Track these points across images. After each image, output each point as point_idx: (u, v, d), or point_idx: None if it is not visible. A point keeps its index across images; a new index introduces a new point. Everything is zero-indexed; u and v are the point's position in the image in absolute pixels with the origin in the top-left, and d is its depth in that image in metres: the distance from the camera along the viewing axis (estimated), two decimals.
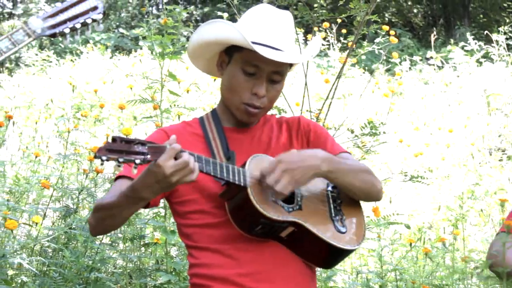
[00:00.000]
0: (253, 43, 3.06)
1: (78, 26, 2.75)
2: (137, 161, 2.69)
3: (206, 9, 21.62)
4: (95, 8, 2.80)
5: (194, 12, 16.10)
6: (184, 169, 2.75)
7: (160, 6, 25.45)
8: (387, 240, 5.99)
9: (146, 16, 23.81)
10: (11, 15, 25.26)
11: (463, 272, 5.90)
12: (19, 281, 4.58)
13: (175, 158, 2.75)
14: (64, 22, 2.75)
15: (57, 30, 2.73)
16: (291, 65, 3.27)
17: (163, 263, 5.24)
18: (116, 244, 5.45)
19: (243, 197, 2.99)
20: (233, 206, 3.06)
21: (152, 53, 15.07)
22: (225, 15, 16.68)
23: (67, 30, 2.74)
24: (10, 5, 28.60)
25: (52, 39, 2.75)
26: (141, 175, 2.83)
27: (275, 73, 3.17)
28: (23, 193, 5.48)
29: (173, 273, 5.08)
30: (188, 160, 2.75)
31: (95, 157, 2.72)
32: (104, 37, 21.03)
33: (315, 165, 3.05)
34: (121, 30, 22.94)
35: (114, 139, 2.70)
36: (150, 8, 22.88)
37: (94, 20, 2.79)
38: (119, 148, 2.70)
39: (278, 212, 3.01)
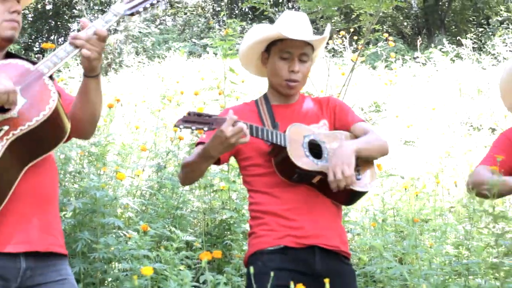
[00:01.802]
0: (288, 35, 3.15)
1: (148, 6, 2.76)
2: (205, 129, 2.85)
3: (254, 23, 21.54)
4: None
5: (246, 26, 15.97)
6: (239, 133, 2.84)
7: (221, 23, 25.46)
8: (387, 187, 6.00)
9: (211, 30, 23.86)
10: (115, 31, 25.25)
11: (441, 209, 5.91)
12: (126, 216, 4.63)
13: (233, 125, 2.84)
14: (138, 4, 2.75)
15: (134, 10, 2.75)
16: (313, 50, 3.29)
17: (227, 204, 5.27)
18: (194, 190, 5.47)
19: (284, 154, 3.06)
20: (277, 160, 3.13)
21: (216, 55, 15.17)
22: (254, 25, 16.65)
23: (141, 9, 2.75)
24: (114, 24, 28.62)
25: (131, 16, 2.74)
26: (210, 139, 2.93)
27: (302, 54, 3.23)
28: (127, 155, 5.53)
29: (234, 211, 5.10)
30: (242, 127, 2.84)
31: (175, 125, 2.84)
32: (182, 45, 21.03)
33: (350, 150, 3.10)
34: (193, 40, 22.90)
35: (189, 113, 2.85)
36: (215, 24, 22.82)
37: (158, 2, 2.79)
38: (192, 119, 2.85)
39: (309, 164, 3.08)
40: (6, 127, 2.41)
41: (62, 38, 29.72)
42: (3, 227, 2.46)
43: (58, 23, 30.28)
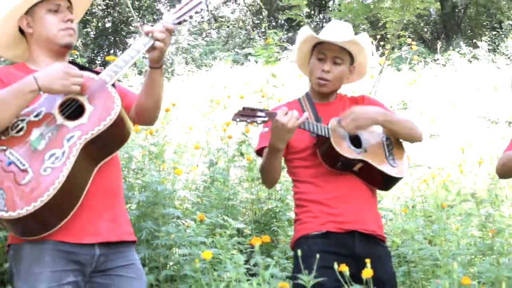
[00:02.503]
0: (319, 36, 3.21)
1: (192, 14, 2.77)
2: (258, 121, 2.88)
3: (290, 34, 21.49)
4: (200, 2, 2.81)
5: (282, 36, 15.97)
6: (292, 117, 2.87)
7: (260, 34, 25.49)
8: (416, 176, 5.95)
9: (252, 40, 23.86)
10: None
11: (465, 196, 5.83)
12: (184, 207, 4.64)
13: (285, 114, 2.89)
14: (184, 14, 2.77)
15: (181, 19, 2.76)
16: (352, 57, 3.28)
17: (272, 194, 5.25)
18: (243, 183, 5.47)
19: (328, 144, 3.08)
20: (322, 150, 3.14)
21: (256, 63, 15.16)
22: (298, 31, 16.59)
23: (187, 18, 2.75)
24: None
25: (179, 24, 2.76)
26: (271, 134, 2.96)
27: (336, 57, 3.23)
28: (183, 153, 5.54)
29: (279, 201, 5.09)
30: (293, 112, 2.89)
31: (232, 119, 2.88)
32: (226, 55, 21.09)
33: (373, 116, 3.16)
34: (236, 50, 22.94)
35: (243, 108, 2.89)
36: (255, 35, 22.90)
37: (202, 10, 2.81)
38: (247, 113, 2.87)
39: (351, 153, 3.10)
40: (78, 133, 2.43)
41: (121, 52, 30.03)
42: (79, 220, 2.50)
43: (117, 39, 30.59)
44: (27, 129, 2.46)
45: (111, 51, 30.09)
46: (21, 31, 2.75)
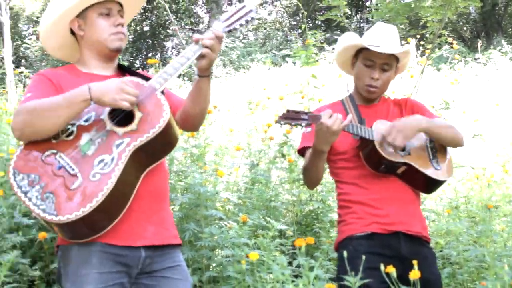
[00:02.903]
0: (369, 45, 3.15)
1: (243, 22, 2.77)
2: (303, 124, 2.88)
3: (327, 34, 21.42)
4: (250, 11, 2.81)
5: (319, 37, 15.91)
6: (337, 120, 2.86)
7: (297, 35, 25.45)
8: (459, 177, 5.88)
9: (289, 42, 23.89)
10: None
11: (510, 196, 5.75)
12: (226, 208, 4.65)
13: (330, 117, 2.89)
14: (234, 22, 2.77)
15: (231, 27, 2.76)
16: (397, 60, 3.25)
17: (314, 195, 5.24)
18: (284, 185, 5.46)
19: (371, 147, 3.07)
20: (366, 153, 3.13)
21: (294, 64, 15.13)
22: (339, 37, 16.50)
23: (237, 26, 2.76)
24: None
25: (229, 32, 2.77)
26: (315, 136, 2.97)
27: (384, 64, 3.20)
28: (224, 154, 5.55)
29: (321, 202, 5.07)
30: (338, 115, 2.89)
31: (276, 122, 2.88)
32: (263, 57, 21.13)
33: (417, 124, 3.11)
34: (273, 51, 22.97)
35: (287, 111, 2.90)
36: (292, 37, 22.89)
37: (252, 18, 2.80)
38: (291, 116, 2.87)
39: (395, 156, 3.08)
40: (127, 139, 2.46)
41: (159, 55, 30.26)
42: (127, 224, 2.53)
43: (155, 42, 30.87)
44: (77, 134, 2.50)
45: (149, 55, 30.38)
46: (72, 32, 2.80)
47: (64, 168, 2.41)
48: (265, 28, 29.70)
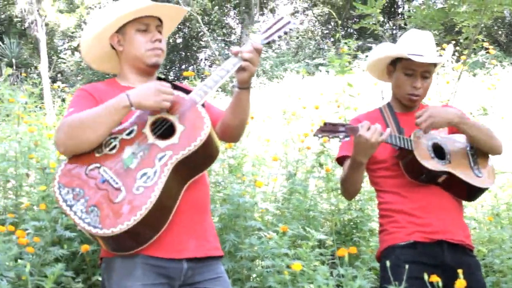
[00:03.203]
0: (408, 54, 3.13)
1: (281, 34, 2.78)
2: (341, 136, 2.87)
3: (359, 42, 21.37)
4: (288, 22, 2.82)
5: (352, 45, 15.88)
6: (375, 132, 2.87)
7: (329, 43, 25.42)
8: (499, 183, 5.80)
9: (322, 50, 23.88)
10: None
11: None
12: (265, 218, 4.65)
13: (368, 129, 2.89)
14: (272, 34, 2.78)
15: (269, 39, 2.77)
16: (435, 66, 3.24)
17: (352, 204, 5.21)
18: (322, 194, 5.45)
19: (411, 157, 3.04)
20: (405, 163, 3.10)
21: (328, 73, 15.09)
22: (373, 45, 16.41)
23: (275, 38, 2.77)
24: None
25: (267, 44, 2.78)
26: (354, 148, 2.97)
27: (425, 72, 3.18)
28: (261, 164, 5.55)
29: (359, 211, 5.05)
30: (376, 127, 2.88)
31: (314, 135, 2.88)
32: (296, 66, 21.16)
33: (449, 117, 3.09)
34: (306, 60, 22.99)
35: (325, 124, 2.88)
36: (325, 45, 22.90)
37: (290, 30, 2.81)
38: (328, 129, 2.87)
39: (435, 165, 3.05)
40: (169, 152, 2.48)
41: (192, 67, 30.49)
42: (169, 236, 2.54)
43: (188, 54, 31.15)
44: (120, 147, 2.53)
45: (183, 66, 30.63)
46: (113, 46, 2.85)
47: (108, 182, 2.44)
48: (297, 37, 29.74)
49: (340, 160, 3.30)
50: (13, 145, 5.05)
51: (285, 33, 2.81)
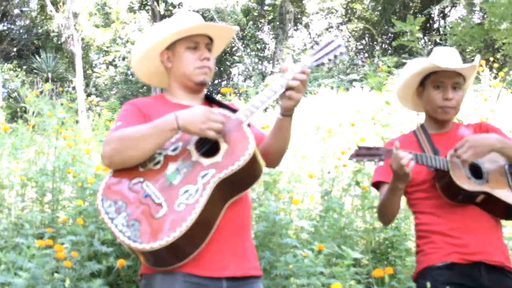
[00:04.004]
0: (437, 62, 3.16)
1: (332, 57, 2.78)
2: (376, 160, 2.88)
3: (395, 58, 21.31)
4: (339, 46, 2.82)
5: (392, 62, 15.85)
6: (403, 160, 2.87)
7: (363, 59, 25.39)
8: None
9: (356, 66, 23.84)
10: (272, 73, 25.71)
11: None
12: (300, 236, 4.66)
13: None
14: (322, 56, 2.78)
15: (319, 62, 2.78)
16: (464, 80, 3.24)
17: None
18: (358, 212, 5.43)
19: (447, 178, 3.02)
20: (442, 184, 3.08)
21: (362, 89, 15.04)
22: (408, 61, 16.33)
23: (325, 61, 2.78)
24: (270, 66, 29.22)
25: (317, 67, 2.78)
26: (393, 175, 2.98)
27: (455, 83, 3.19)
28: (296, 181, 5.56)
29: (396, 230, 5.02)
30: (402, 156, 2.88)
31: (349, 159, 2.90)
32: (330, 81, 21.14)
33: (491, 143, 3.03)
34: (340, 76, 22.96)
35: (359, 147, 2.89)
36: (359, 61, 22.87)
37: (341, 53, 2.81)
38: (363, 153, 2.89)
39: (472, 185, 3.02)
40: (212, 171, 2.50)
41: (226, 81, 30.66)
42: (209, 254, 2.56)
43: (221, 68, 31.32)
44: (164, 163, 2.56)
45: (216, 81, 30.80)
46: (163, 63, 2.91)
47: (150, 197, 2.47)
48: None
49: (376, 185, 3.31)
50: (51, 159, 5.14)
51: (335, 56, 2.81)
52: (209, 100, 2.96)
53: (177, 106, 2.79)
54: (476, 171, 3.11)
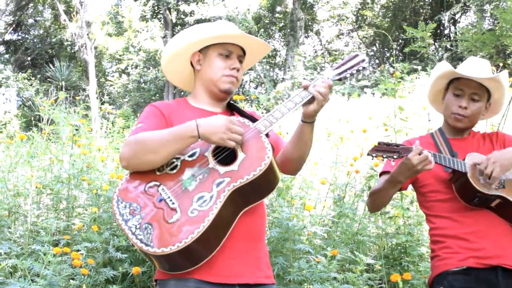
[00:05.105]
0: (458, 71, 3.19)
1: (354, 72, 2.78)
2: (394, 157, 2.90)
3: (407, 65, 21.26)
4: (363, 60, 2.83)
5: (405, 69, 15.84)
6: (425, 160, 2.87)
7: (374, 66, 25.34)
8: None
9: (367, 74, 23.74)
10: (283, 80, 25.70)
11: None
12: (313, 242, 4.65)
13: (419, 154, 2.87)
14: (345, 71, 2.79)
15: (342, 76, 2.78)
16: (489, 94, 3.21)
17: (400, 229, 5.17)
18: (371, 218, 5.42)
19: (464, 180, 3.02)
20: (458, 186, 3.08)
21: (373, 95, 15.01)
22: (419, 67, 16.33)
23: (348, 75, 2.78)
24: (281, 73, 29.24)
25: (339, 81, 2.79)
26: (397, 166, 2.98)
27: (474, 94, 3.18)
28: (308, 188, 5.54)
29: (408, 235, 5.00)
30: (427, 155, 2.87)
31: (368, 154, 2.90)
32: (341, 88, 21.13)
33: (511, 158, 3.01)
34: (351, 83, 22.92)
35: (379, 143, 2.90)
36: (370, 67, 22.82)
37: (363, 68, 2.81)
38: (382, 148, 2.89)
39: (489, 189, 3.01)
40: (227, 179, 2.50)
41: (236, 89, 30.65)
42: (221, 261, 2.55)
43: None
44: (181, 168, 2.57)
45: None
46: (192, 65, 2.92)
47: (165, 201, 2.48)
48: (342, 59, 29.74)
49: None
50: (66, 167, 5.16)
51: (358, 71, 2.81)
52: (231, 108, 2.95)
53: (199, 111, 2.81)
54: None
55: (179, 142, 2.53)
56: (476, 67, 3.22)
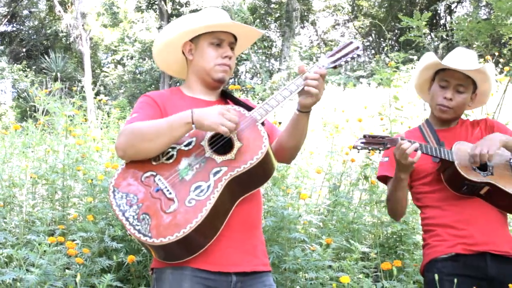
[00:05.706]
0: (444, 63, 3.23)
1: (349, 59, 2.78)
2: (380, 148, 2.93)
3: (402, 54, 21.25)
4: (357, 48, 2.83)
5: (400, 58, 15.84)
6: (402, 150, 2.94)
7: (370, 56, 25.34)
8: None
9: (363, 63, 23.77)
10: (279, 70, 25.67)
11: None
12: (309, 231, 4.65)
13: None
14: (339, 58, 2.78)
15: (336, 63, 2.78)
16: (475, 85, 3.26)
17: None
18: (366, 207, 5.43)
19: (452, 169, 3.06)
20: (447, 175, 3.12)
21: (369, 85, 15.01)
22: (415, 57, 16.31)
23: (342, 63, 2.78)
24: (277, 64, 29.21)
25: (334, 69, 2.78)
26: (395, 165, 3.04)
27: (459, 85, 3.22)
28: (304, 177, 5.55)
29: (404, 223, 5.02)
30: (402, 143, 2.95)
31: (354, 147, 2.93)
32: (337, 78, 21.12)
33: (499, 140, 3.06)
34: (347, 72, 22.93)
35: (364, 136, 2.92)
36: (365, 58, 22.84)
37: (358, 55, 2.81)
38: (368, 141, 2.92)
39: (477, 176, 3.06)
40: (224, 168, 2.51)
41: (232, 79, 30.62)
42: (217, 250, 2.57)
43: None
44: (177, 158, 2.57)
45: None
46: (184, 54, 2.92)
47: (162, 191, 2.49)
48: (337, 46, 29.74)
49: (381, 179, 3.34)
50: (61, 157, 5.16)
51: (352, 58, 2.81)
52: (225, 96, 2.96)
53: (193, 100, 2.82)
54: (481, 164, 3.11)
55: (174, 130, 2.52)
56: (462, 58, 3.23)
